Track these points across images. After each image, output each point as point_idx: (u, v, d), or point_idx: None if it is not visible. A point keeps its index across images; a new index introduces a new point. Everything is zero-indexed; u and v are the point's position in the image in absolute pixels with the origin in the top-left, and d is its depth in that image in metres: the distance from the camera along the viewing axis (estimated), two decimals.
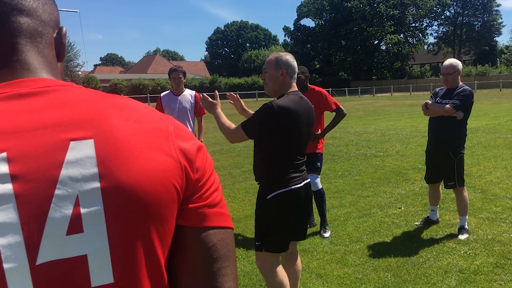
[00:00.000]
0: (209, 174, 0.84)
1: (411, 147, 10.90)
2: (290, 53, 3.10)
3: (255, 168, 3.09)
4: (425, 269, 4.08)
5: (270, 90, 3.06)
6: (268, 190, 2.92)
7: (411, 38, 67.88)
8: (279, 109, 2.80)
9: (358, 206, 6.15)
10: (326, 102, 5.22)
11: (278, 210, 2.92)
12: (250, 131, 2.91)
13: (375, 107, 28.03)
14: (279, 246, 3.00)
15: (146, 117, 0.80)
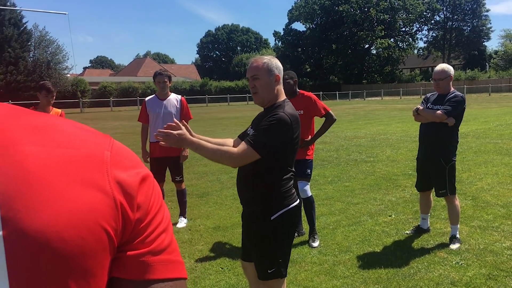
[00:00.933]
0: (156, 212, 0.68)
1: (402, 152, 10.81)
2: (276, 57, 2.87)
3: (246, 187, 2.74)
4: (416, 281, 3.94)
5: (264, 100, 2.72)
6: (271, 210, 2.63)
7: (401, 43, 68.26)
8: (292, 118, 2.59)
9: (348, 213, 6.01)
10: (316, 107, 5.10)
11: (286, 230, 2.68)
12: (265, 149, 2.54)
13: (365, 111, 28.02)
14: (286, 268, 2.76)
15: (73, 141, 0.64)
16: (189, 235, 5.34)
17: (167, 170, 5.81)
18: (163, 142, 2.56)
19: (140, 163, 0.70)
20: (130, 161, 0.68)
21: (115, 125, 22.64)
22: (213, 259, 4.58)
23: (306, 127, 5.10)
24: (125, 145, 0.71)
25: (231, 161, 2.55)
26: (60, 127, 0.65)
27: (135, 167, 0.68)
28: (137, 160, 0.70)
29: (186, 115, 5.79)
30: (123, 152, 0.68)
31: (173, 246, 0.70)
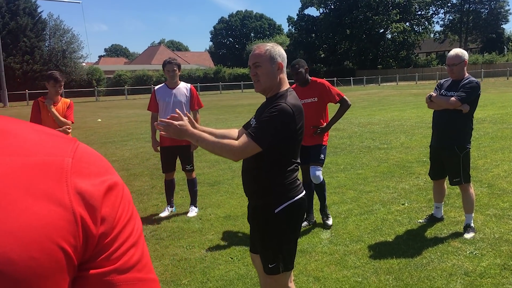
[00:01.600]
0: (124, 224, 0.62)
1: (416, 138, 10.65)
2: (277, 44, 2.73)
3: (250, 179, 2.66)
4: (428, 271, 3.87)
5: (265, 88, 2.62)
6: (274, 203, 2.56)
7: (417, 27, 67.09)
8: (294, 109, 2.50)
9: (360, 202, 5.94)
10: (330, 94, 5.11)
11: (290, 223, 2.60)
12: (266, 141, 2.46)
13: (380, 97, 27.69)
14: (293, 261, 2.70)
15: (28, 147, 0.58)
16: (200, 225, 5.33)
17: (178, 160, 5.78)
18: (164, 132, 2.51)
19: (108, 169, 0.64)
20: (96, 167, 0.62)
21: (129, 114, 22.74)
22: (223, 249, 4.56)
23: (320, 114, 5.14)
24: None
25: (232, 154, 2.47)
26: (14, 132, 0.59)
27: (101, 174, 0.62)
28: (105, 166, 0.64)
29: (196, 104, 5.74)
30: (87, 158, 0.62)
31: (143, 262, 0.64)
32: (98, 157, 0.64)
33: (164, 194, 6.10)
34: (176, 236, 5.01)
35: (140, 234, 0.65)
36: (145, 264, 0.64)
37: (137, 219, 0.66)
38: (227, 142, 2.48)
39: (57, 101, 5.30)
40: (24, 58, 46.20)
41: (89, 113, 24.76)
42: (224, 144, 2.47)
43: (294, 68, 5.03)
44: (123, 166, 9.02)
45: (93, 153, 0.64)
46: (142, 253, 0.64)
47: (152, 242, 4.85)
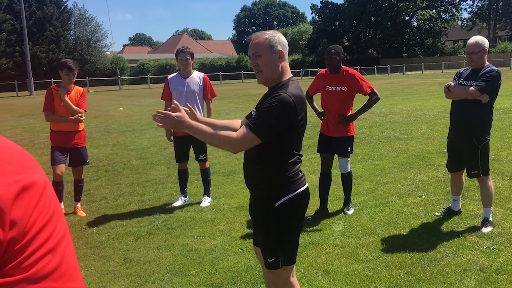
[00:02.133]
0: (40, 228, 0.56)
1: (438, 129, 10.40)
2: (277, 31, 2.63)
3: (250, 172, 2.60)
4: (442, 266, 3.76)
5: (267, 78, 2.52)
6: (275, 196, 2.48)
7: (444, 14, 65.42)
8: (295, 99, 2.40)
9: (376, 194, 5.82)
10: (360, 86, 5.07)
11: (291, 217, 2.52)
12: (266, 132, 2.38)
13: (404, 86, 27.20)
14: (295, 256, 2.63)
15: None
16: (212, 215, 5.30)
17: (191, 149, 5.76)
18: (161, 124, 2.45)
19: (27, 167, 0.57)
20: (10, 165, 0.55)
21: (151, 102, 22.87)
22: (234, 240, 4.52)
23: (347, 104, 5.11)
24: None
25: (231, 146, 2.40)
26: None
27: (16, 173, 0.55)
28: (23, 163, 0.57)
29: (209, 93, 5.70)
30: (1, 154, 0.56)
31: (62, 270, 0.57)
32: (17, 152, 0.58)
33: (178, 183, 6.10)
34: (188, 226, 4.99)
35: (62, 238, 0.59)
36: (65, 272, 0.57)
37: (59, 221, 0.59)
38: (226, 134, 2.41)
39: (70, 89, 5.31)
40: (50, 47, 46.93)
41: (111, 101, 25.03)
42: (223, 135, 2.40)
43: (330, 53, 5.00)
44: (141, 155, 9.07)
45: (10, 148, 0.58)
46: (61, 259, 0.57)
47: (163, 231, 4.85)
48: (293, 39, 73.29)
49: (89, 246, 4.56)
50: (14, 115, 18.77)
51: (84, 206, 5.87)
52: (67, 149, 5.36)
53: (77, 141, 5.38)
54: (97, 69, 50.90)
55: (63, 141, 5.30)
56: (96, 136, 11.95)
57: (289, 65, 2.66)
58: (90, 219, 5.41)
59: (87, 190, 6.58)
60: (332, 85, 5.03)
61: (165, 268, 3.97)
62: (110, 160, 8.71)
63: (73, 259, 0.59)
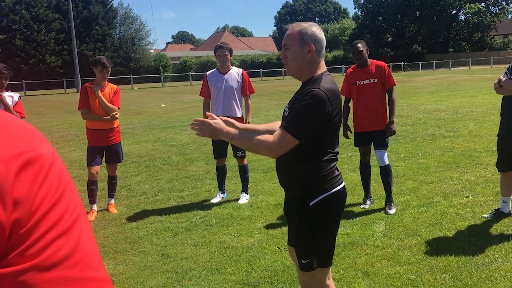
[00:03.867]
0: (49, 207, 0.50)
1: (486, 126, 9.95)
2: (316, 24, 2.52)
3: (283, 170, 2.51)
4: (490, 271, 3.56)
5: (295, 71, 2.46)
6: (310, 195, 2.39)
7: (493, 7, 62.78)
8: (329, 94, 2.31)
9: (419, 193, 5.61)
10: (387, 78, 5.11)
11: (325, 217, 2.42)
12: (303, 133, 2.30)
13: (449, 82, 26.32)
14: (331, 258, 2.53)
15: None
16: (250, 212, 5.25)
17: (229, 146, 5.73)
18: (199, 132, 2.43)
19: (30, 141, 0.52)
20: (11, 138, 0.50)
21: (192, 99, 23.09)
22: (271, 238, 4.45)
23: (380, 95, 5.13)
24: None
25: (269, 151, 2.33)
26: None
27: (17, 146, 0.49)
28: (26, 137, 0.52)
29: (248, 89, 5.64)
30: (1, 127, 0.50)
31: (78, 256, 0.50)
32: (18, 126, 0.52)
33: (216, 180, 6.08)
34: (225, 223, 4.96)
35: (76, 219, 0.52)
36: (81, 259, 0.50)
37: (72, 199, 0.53)
38: (263, 138, 2.33)
39: (104, 86, 5.34)
40: (96, 46, 48.30)
41: (154, 98, 25.47)
42: (260, 140, 2.32)
43: (357, 48, 5.05)
44: (181, 151, 9.14)
45: (12, 122, 0.52)
46: (76, 243, 0.51)
47: (201, 228, 4.84)
48: (335, 35, 72.28)
49: (128, 241, 4.60)
50: (62, 111, 19.40)
51: (125, 201, 5.95)
52: (103, 147, 5.41)
53: (112, 138, 5.42)
54: (141, 67, 51.99)
55: (99, 139, 5.34)
56: (139, 132, 12.15)
57: (331, 62, 2.61)
58: (130, 214, 5.47)
59: (128, 185, 6.68)
60: (362, 79, 5.09)
61: (201, 265, 3.94)
62: (151, 156, 8.82)
63: (91, 244, 0.52)
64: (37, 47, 45.31)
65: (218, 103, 5.53)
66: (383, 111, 5.10)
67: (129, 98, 26.07)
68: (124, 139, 10.43)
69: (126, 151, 9.01)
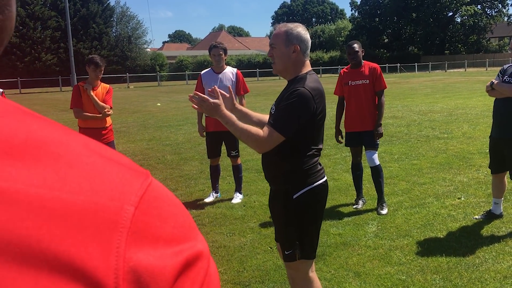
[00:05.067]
0: None
1: (480, 128, 9.99)
2: (302, 25, 2.61)
3: (269, 165, 2.61)
4: (480, 272, 3.58)
5: (280, 70, 2.57)
6: (293, 189, 2.48)
7: (490, 9, 63.09)
8: (314, 92, 2.40)
9: (412, 194, 5.63)
10: (378, 80, 5.12)
11: (309, 210, 2.51)
12: (289, 129, 2.38)
13: (445, 84, 26.41)
14: (314, 250, 2.61)
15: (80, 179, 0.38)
16: (243, 211, 5.26)
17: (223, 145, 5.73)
18: (196, 106, 2.52)
19: (190, 230, 0.43)
20: (171, 226, 0.40)
21: (188, 98, 23.08)
22: (263, 238, 4.46)
23: (371, 97, 5.13)
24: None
25: (257, 146, 2.43)
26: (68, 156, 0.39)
27: (178, 239, 0.40)
28: (185, 223, 0.43)
29: (242, 89, 5.65)
30: (160, 209, 0.40)
31: None
32: (177, 207, 0.43)
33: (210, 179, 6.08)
34: (218, 222, 4.97)
35: None
36: None
37: None
38: (254, 132, 2.40)
39: (96, 85, 5.32)
40: (93, 44, 48.17)
41: (150, 97, 25.44)
42: (251, 133, 2.40)
43: (353, 49, 5.08)
44: (176, 150, 9.13)
45: (170, 201, 0.42)
46: None
47: None
48: (331, 36, 72.38)
49: None
50: (56, 109, 19.34)
51: None
52: None
53: (105, 137, 5.39)
54: (137, 66, 51.91)
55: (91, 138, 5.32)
56: (133, 131, 12.14)
57: (327, 62, 2.69)
58: None
59: None
60: (354, 79, 5.13)
61: None
62: (145, 155, 8.81)
63: None
64: (33, 44, 45.15)
65: None
66: (374, 112, 5.12)
67: (125, 96, 26.03)
68: (118, 138, 10.42)
69: (120, 150, 9.00)
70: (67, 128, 0.43)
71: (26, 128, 0.39)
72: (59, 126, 0.42)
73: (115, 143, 5.75)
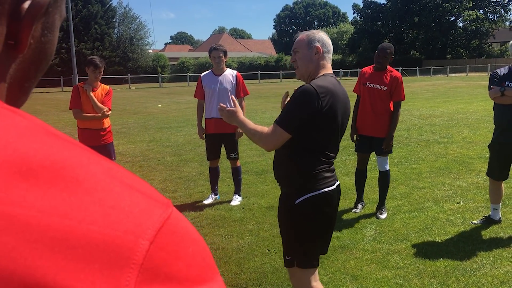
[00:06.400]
0: None
1: (481, 133, 10.00)
2: (323, 32, 2.64)
3: (277, 165, 2.57)
4: (478, 277, 3.58)
5: (303, 73, 2.55)
6: (296, 193, 2.43)
7: (492, 14, 63.12)
8: (319, 90, 2.34)
9: (411, 198, 5.63)
10: (398, 90, 5.02)
11: (310, 217, 2.44)
12: (291, 126, 2.35)
13: (446, 88, 26.41)
14: (313, 260, 2.52)
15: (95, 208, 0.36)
16: (241, 214, 5.26)
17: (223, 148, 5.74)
18: (221, 115, 2.62)
19: (207, 269, 0.40)
20: (187, 265, 0.38)
21: (189, 100, 23.08)
22: (261, 240, 4.46)
23: (385, 104, 5.02)
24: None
25: (263, 143, 2.42)
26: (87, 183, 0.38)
27: (193, 279, 0.38)
28: (203, 262, 0.40)
29: (242, 91, 5.65)
30: (177, 245, 0.38)
31: None
32: (195, 243, 0.40)
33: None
34: (217, 224, 4.97)
35: None
36: None
37: None
38: (260, 130, 2.43)
39: (96, 86, 5.32)
40: (95, 45, 48.23)
41: (151, 98, 25.46)
42: (257, 131, 2.43)
43: (384, 51, 5.00)
44: (175, 152, 9.14)
45: (188, 236, 0.40)
46: None
47: None
48: (334, 39, 72.40)
49: None
50: (58, 110, 19.36)
51: None
52: (94, 147, 5.38)
53: (103, 138, 5.39)
54: (139, 67, 51.96)
55: (90, 139, 5.29)
56: (134, 132, 12.15)
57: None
58: None
59: None
60: (373, 82, 5.03)
61: None
62: (145, 156, 8.82)
63: None
64: None
65: (212, 105, 5.54)
66: (387, 120, 5.00)
67: (126, 97, 26.06)
68: (119, 139, 10.43)
69: (120, 151, 9.01)
70: (90, 151, 0.41)
71: (47, 149, 0.38)
72: (82, 148, 0.41)
73: (114, 144, 5.75)
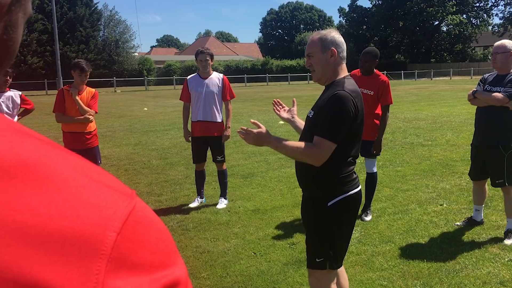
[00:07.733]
0: None
1: (464, 136, 10.13)
2: (335, 30, 2.63)
3: (304, 170, 2.54)
4: (460, 278, 3.63)
5: (320, 77, 2.55)
6: (328, 196, 2.46)
7: (475, 19, 64.15)
8: (353, 94, 2.41)
9: (395, 201, 5.69)
10: (386, 95, 5.00)
11: (343, 218, 2.50)
12: (338, 134, 2.35)
13: (430, 92, 26.72)
14: (340, 260, 2.59)
15: (70, 204, 0.38)
16: (227, 217, 5.26)
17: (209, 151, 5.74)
18: (244, 138, 2.52)
19: (170, 255, 0.43)
20: (150, 252, 0.40)
21: (175, 103, 23.01)
22: (247, 243, 4.47)
23: (373, 109, 5.01)
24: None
25: (314, 160, 2.38)
26: (57, 179, 0.39)
27: (158, 265, 0.40)
28: (166, 250, 0.43)
29: (228, 94, 5.67)
30: (142, 235, 0.41)
31: None
32: (158, 231, 0.43)
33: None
34: (202, 227, 4.97)
35: None
36: None
37: None
38: (307, 147, 2.39)
39: (82, 90, 5.29)
40: (80, 48, 47.82)
41: (137, 102, 25.33)
42: (303, 149, 2.39)
43: (368, 55, 5.00)
44: (161, 155, 9.11)
45: (152, 225, 0.42)
46: None
47: (178, 232, 4.83)
48: None
49: None
50: (42, 113, 19.15)
51: None
52: (79, 151, 5.34)
53: (88, 142, 5.35)
54: (125, 70, 51.67)
55: (75, 142, 5.25)
56: (119, 135, 12.07)
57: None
58: None
59: None
60: (360, 86, 4.93)
61: None
62: (131, 160, 8.77)
63: None
64: (19, 47, 44.66)
65: (198, 108, 5.54)
66: (374, 123, 5.01)
67: (112, 101, 25.88)
68: (104, 142, 10.36)
69: (106, 155, 8.95)
70: (61, 148, 0.43)
71: (18, 149, 0.39)
72: (53, 146, 0.42)
73: (99, 147, 5.71)
